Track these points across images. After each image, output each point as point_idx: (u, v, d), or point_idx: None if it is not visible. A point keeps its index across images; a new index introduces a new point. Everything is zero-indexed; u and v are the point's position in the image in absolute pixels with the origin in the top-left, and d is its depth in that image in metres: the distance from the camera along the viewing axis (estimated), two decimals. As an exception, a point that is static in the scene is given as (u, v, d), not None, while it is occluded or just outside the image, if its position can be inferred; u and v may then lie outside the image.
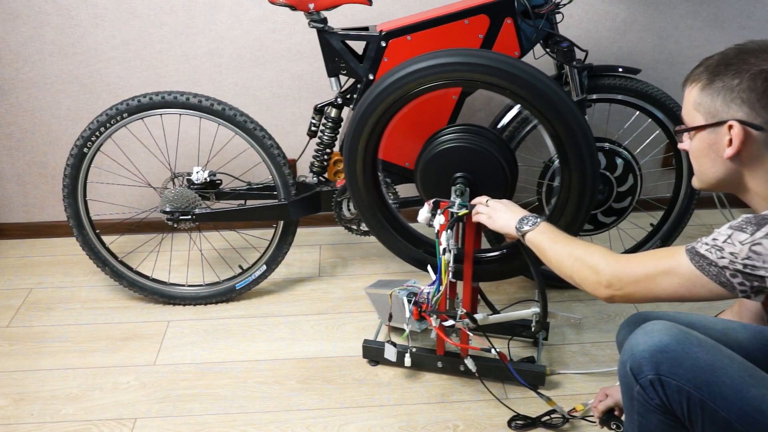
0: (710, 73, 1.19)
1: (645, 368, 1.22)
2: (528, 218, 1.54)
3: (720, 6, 2.44)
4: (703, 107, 1.19)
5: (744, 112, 1.15)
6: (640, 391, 1.23)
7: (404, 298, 1.77)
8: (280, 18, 2.36)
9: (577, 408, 1.76)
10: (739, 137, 1.15)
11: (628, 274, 1.26)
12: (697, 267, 1.16)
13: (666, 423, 1.24)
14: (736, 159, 1.18)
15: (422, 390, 1.89)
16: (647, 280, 1.23)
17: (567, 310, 2.19)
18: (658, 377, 1.20)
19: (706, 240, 1.17)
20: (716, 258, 1.13)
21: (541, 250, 1.49)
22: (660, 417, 1.23)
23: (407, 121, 1.96)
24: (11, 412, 1.85)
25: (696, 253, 1.16)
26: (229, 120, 2.06)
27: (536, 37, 1.93)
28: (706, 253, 1.15)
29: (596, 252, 1.34)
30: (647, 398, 1.23)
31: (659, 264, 1.22)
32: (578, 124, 1.70)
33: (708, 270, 1.15)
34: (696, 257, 1.16)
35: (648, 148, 2.31)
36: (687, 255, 1.18)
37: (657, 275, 1.21)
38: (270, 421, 1.80)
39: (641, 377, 1.22)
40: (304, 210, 2.17)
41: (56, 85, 2.43)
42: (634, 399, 1.25)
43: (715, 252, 1.14)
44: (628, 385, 1.26)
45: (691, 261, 1.17)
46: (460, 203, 1.69)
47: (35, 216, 2.66)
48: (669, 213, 2.25)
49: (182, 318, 2.22)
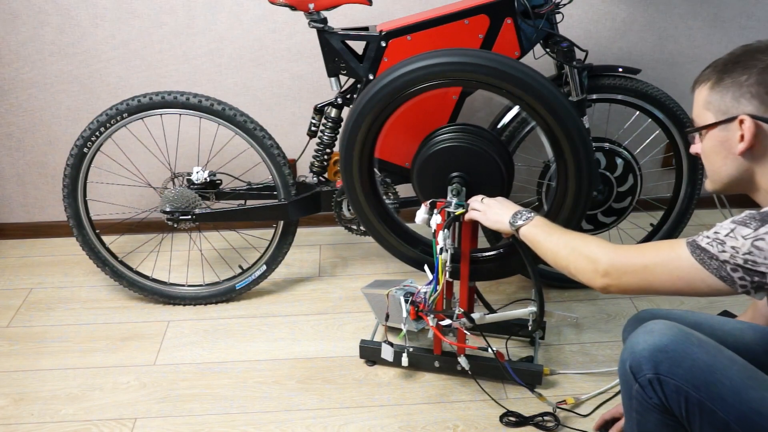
0: (719, 71, 1.20)
1: (644, 367, 1.22)
2: (521, 212, 1.54)
3: (720, 6, 2.44)
4: (713, 105, 1.20)
5: (754, 106, 1.15)
6: (639, 390, 1.24)
7: (401, 298, 1.77)
8: (280, 18, 2.36)
9: (567, 401, 1.78)
10: (750, 131, 1.15)
11: (625, 263, 1.24)
12: (697, 260, 1.15)
13: (664, 422, 1.24)
14: (748, 155, 1.18)
15: (422, 390, 1.89)
16: (645, 270, 1.21)
17: (566, 310, 2.19)
18: (657, 377, 1.20)
19: (707, 233, 1.16)
20: (717, 251, 1.13)
21: (535, 243, 1.47)
22: (658, 416, 1.24)
23: (407, 121, 1.96)
24: (11, 412, 1.85)
25: (697, 246, 1.16)
26: (229, 120, 2.06)
27: (536, 37, 1.93)
28: (707, 247, 1.14)
29: (593, 242, 1.33)
30: (646, 397, 1.23)
31: (658, 255, 1.21)
32: (574, 124, 1.70)
33: (708, 263, 1.14)
34: (697, 250, 1.15)
35: (648, 148, 2.31)
36: (688, 248, 1.17)
37: (656, 266, 1.20)
38: (270, 421, 1.80)
39: (640, 376, 1.23)
40: (304, 210, 2.17)
41: (56, 85, 2.43)
42: (633, 398, 1.26)
43: (716, 245, 1.13)
44: (628, 384, 1.26)
45: (692, 254, 1.16)
46: (456, 203, 1.69)
47: (35, 216, 2.66)
48: (669, 213, 2.25)
49: (182, 318, 2.22)
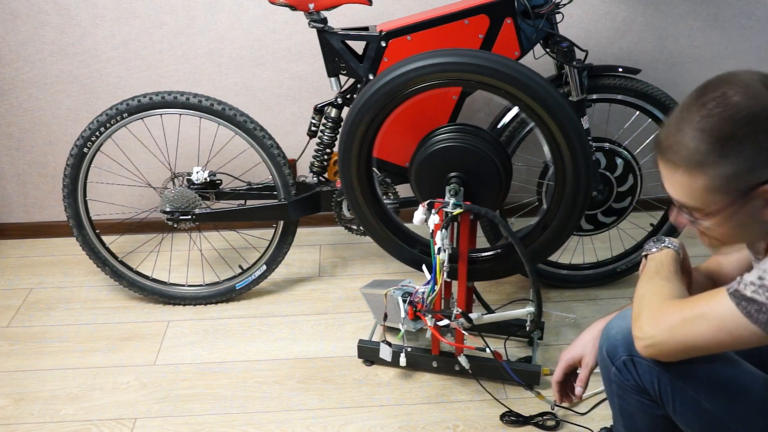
0: (709, 151, 1.05)
1: (619, 350, 1.25)
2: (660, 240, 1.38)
3: (720, 6, 2.44)
4: (722, 189, 1.06)
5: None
6: (616, 373, 1.26)
7: (399, 298, 1.77)
8: (280, 18, 2.36)
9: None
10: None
11: (663, 320, 1.14)
12: (743, 312, 1.05)
13: (643, 403, 1.26)
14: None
15: (422, 390, 1.89)
16: (683, 324, 1.11)
17: (566, 310, 2.19)
18: (631, 358, 1.23)
19: (750, 279, 1.05)
20: (766, 299, 1.03)
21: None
22: (637, 397, 1.26)
23: (408, 121, 1.96)
24: (11, 412, 1.85)
25: (742, 297, 1.05)
26: (229, 120, 2.06)
27: (536, 37, 1.93)
28: (754, 296, 1.04)
29: (654, 303, 1.18)
30: (623, 380, 1.26)
31: (696, 306, 1.11)
32: (572, 125, 1.70)
33: (756, 317, 1.03)
34: (743, 302, 1.05)
35: (648, 148, 2.31)
36: (731, 300, 1.06)
37: (694, 319, 1.10)
38: (270, 421, 1.81)
39: (616, 360, 1.25)
40: (304, 210, 2.17)
41: (56, 85, 2.43)
42: (612, 382, 1.28)
43: (764, 293, 1.03)
44: (606, 369, 1.29)
45: (737, 306, 1.05)
46: (454, 203, 1.69)
47: (35, 216, 2.66)
48: (669, 213, 2.25)
49: (182, 318, 2.22)
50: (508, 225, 1.84)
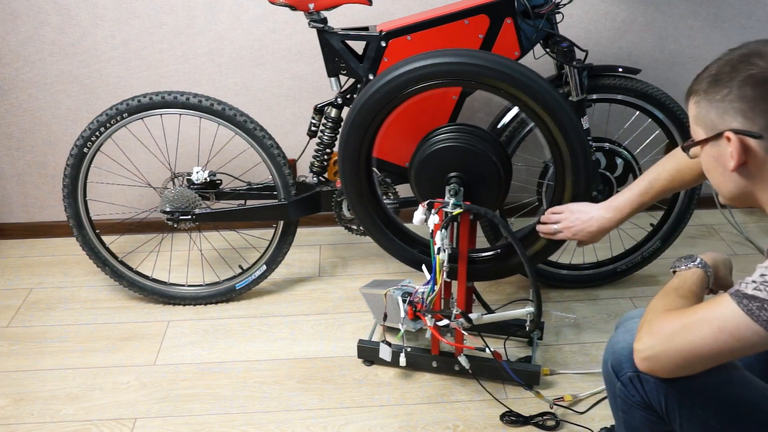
0: (703, 85, 1.13)
1: (624, 366, 1.23)
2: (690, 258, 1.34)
3: (720, 6, 2.44)
4: (701, 121, 1.14)
5: (738, 122, 1.08)
6: (622, 389, 1.25)
7: (399, 298, 1.77)
8: (280, 18, 2.36)
9: (565, 398, 1.80)
10: (737, 147, 1.08)
11: (663, 328, 1.12)
12: (745, 310, 1.04)
13: (648, 419, 1.25)
14: (743, 171, 1.11)
15: (422, 390, 1.89)
16: (684, 329, 1.09)
17: (566, 310, 2.19)
18: (637, 374, 1.21)
19: (752, 278, 1.05)
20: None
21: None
22: (642, 413, 1.25)
23: (408, 121, 1.96)
24: (11, 412, 1.85)
25: (744, 296, 1.04)
26: (229, 120, 2.06)
27: (536, 37, 1.93)
28: (755, 293, 1.03)
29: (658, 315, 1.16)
30: (629, 395, 1.25)
31: (697, 311, 1.11)
32: (572, 125, 1.70)
33: (758, 315, 1.03)
34: (744, 300, 1.04)
35: (648, 148, 2.31)
36: (732, 299, 1.06)
37: (695, 323, 1.09)
38: (270, 421, 1.81)
39: (622, 375, 1.24)
40: (304, 210, 2.17)
41: (56, 85, 2.43)
42: (617, 396, 1.27)
43: (765, 289, 1.03)
44: (611, 383, 1.28)
45: (738, 305, 1.04)
46: (454, 203, 1.69)
47: (35, 216, 2.67)
48: (669, 213, 2.25)
49: (182, 318, 2.22)
50: (508, 225, 1.84)
